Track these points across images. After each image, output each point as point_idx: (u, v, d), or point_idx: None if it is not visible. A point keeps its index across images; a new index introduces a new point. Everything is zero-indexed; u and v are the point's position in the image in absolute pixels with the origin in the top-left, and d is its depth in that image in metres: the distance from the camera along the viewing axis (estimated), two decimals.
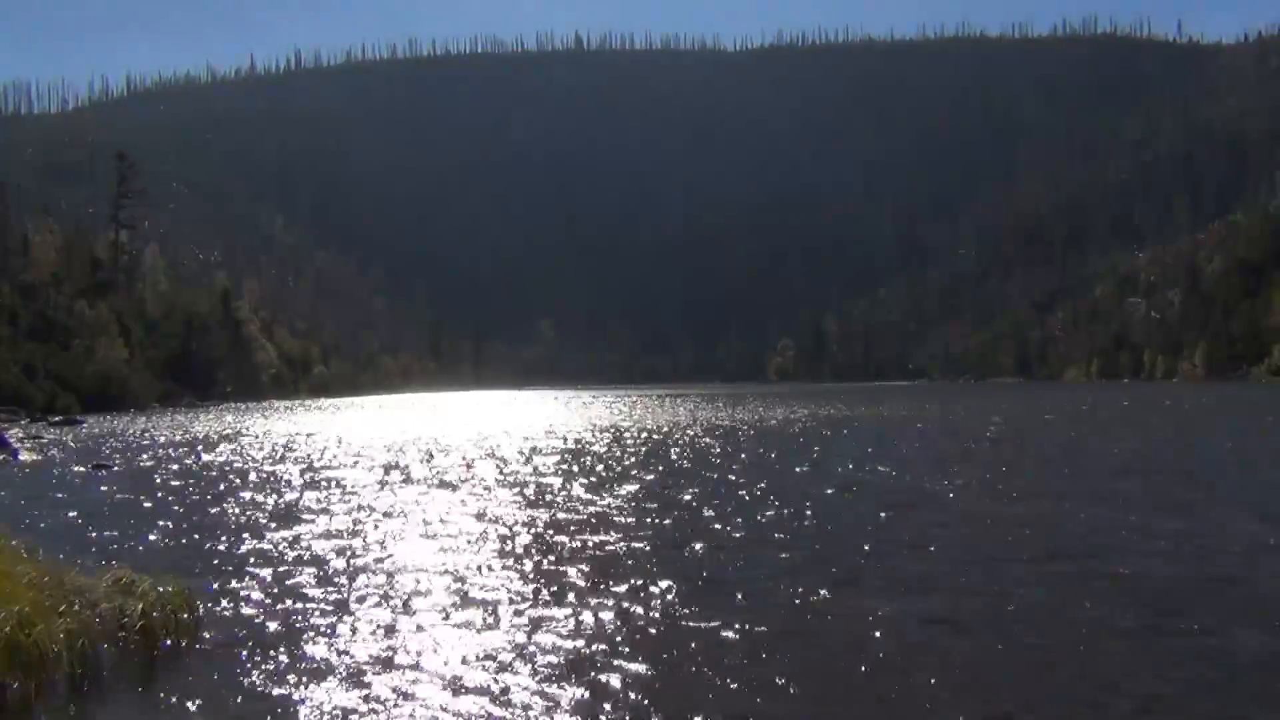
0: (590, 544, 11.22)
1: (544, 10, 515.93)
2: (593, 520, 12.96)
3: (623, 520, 12.86)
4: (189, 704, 6.31)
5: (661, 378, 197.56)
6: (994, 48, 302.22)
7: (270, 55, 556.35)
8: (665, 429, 34.18)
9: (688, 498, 15.08)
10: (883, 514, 13.19)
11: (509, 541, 11.55)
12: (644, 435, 30.87)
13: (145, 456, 25.40)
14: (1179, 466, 19.46)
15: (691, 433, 32.13)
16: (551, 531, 12.13)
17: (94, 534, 12.63)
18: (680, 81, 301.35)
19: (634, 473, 18.61)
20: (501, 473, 18.99)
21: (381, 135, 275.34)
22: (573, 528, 12.40)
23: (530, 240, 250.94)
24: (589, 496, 15.18)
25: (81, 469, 21.90)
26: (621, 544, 11.12)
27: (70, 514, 14.56)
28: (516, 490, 16.31)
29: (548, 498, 15.14)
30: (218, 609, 8.37)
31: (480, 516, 13.50)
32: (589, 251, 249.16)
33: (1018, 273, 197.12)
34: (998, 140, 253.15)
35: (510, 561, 10.36)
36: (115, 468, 22.13)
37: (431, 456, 22.65)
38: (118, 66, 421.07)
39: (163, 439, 33.00)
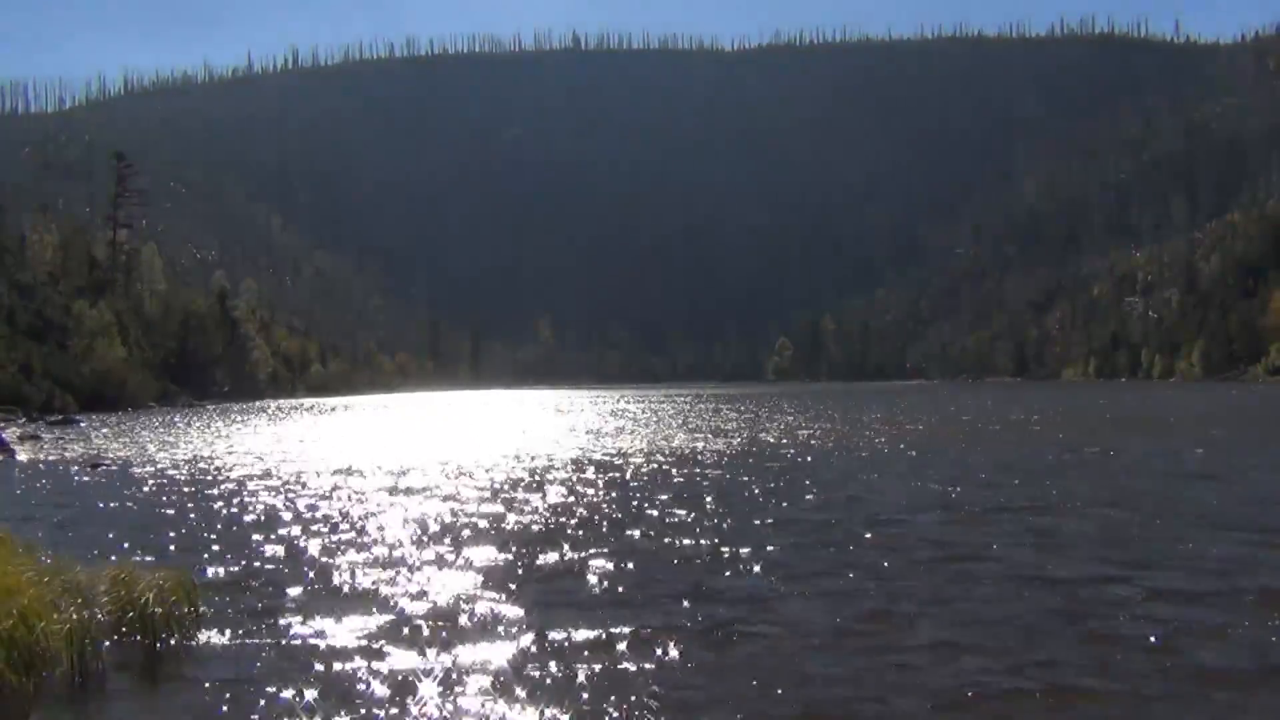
0: (607, 567, 11.21)
1: (542, 9, 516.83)
2: (613, 540, 12.95)
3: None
4: (190, 700, 6.28)
5: (659, 377, 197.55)
6: (992, 47, 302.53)
7: (268, 54, 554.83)
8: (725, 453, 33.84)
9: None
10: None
11: (516, 553, 11.53)
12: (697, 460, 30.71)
13: (143, 455, 25.35)
14: None
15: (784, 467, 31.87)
16: (564, 547, 12.13)
17: (92, 533, 12.58)
18: (678, 81, 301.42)
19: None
20: (513, 490, 18.95)
21: (379, 134, 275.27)
22: (585, 546, 12.39)
23: (528, 239, 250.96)
24: (608, 521, 15.16)
25: (79, 468, 21.85)
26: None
27: (68, 513, 14.52)
28: (527, 505, 16.30)
29: (562, 517, 15.14)
30: (219, 605, 8.33)
31: (489, 523, 13.48)
32: (587, 251, 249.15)
33: (1015, 272, 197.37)
34: (995, 140, 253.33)
35: (520, 572, 10.32)
36: (113, 467, 22.07)
37: (438, 467, 22.59)
38: (115, 65, 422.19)
39: (160, 438, 32.94)
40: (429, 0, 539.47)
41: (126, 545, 11.54)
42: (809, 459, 21.80)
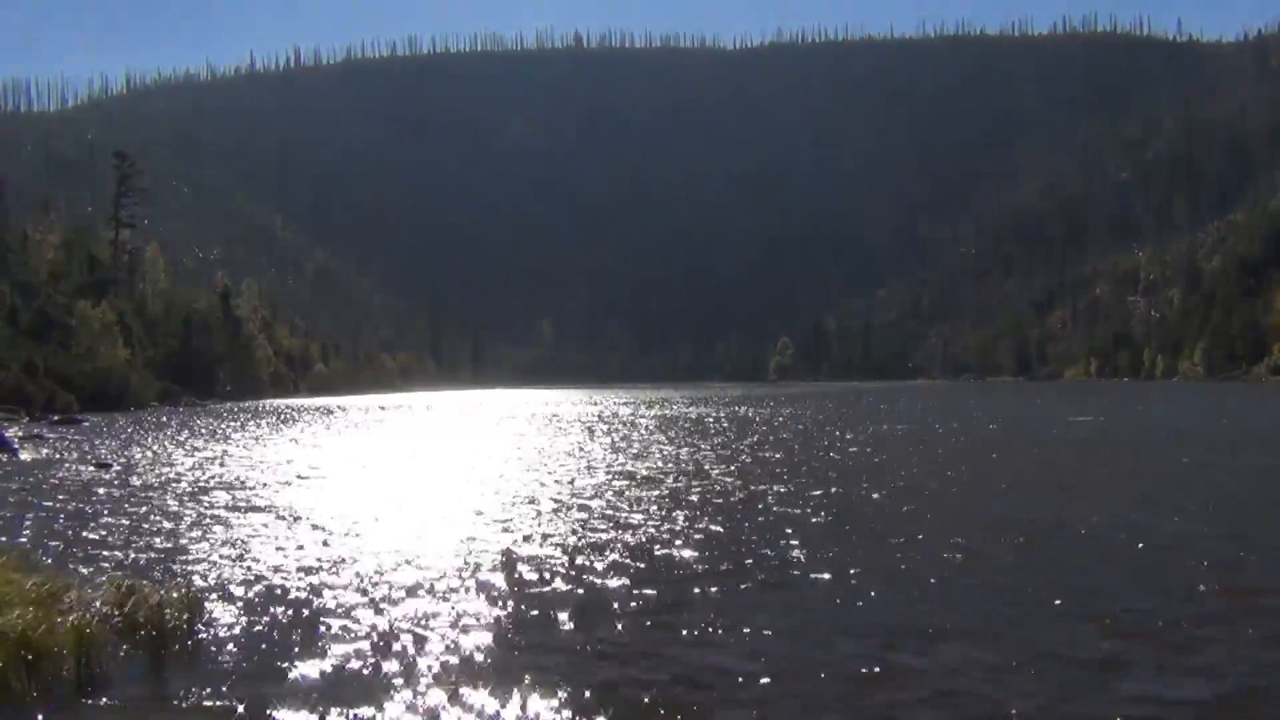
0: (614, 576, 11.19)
1: (544, 9, 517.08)
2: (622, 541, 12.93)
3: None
4: (193, 707, 6.30)
5: (661, 377, 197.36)
6: (994, 46, 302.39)
7: (270, 53, 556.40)
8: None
9: None
10: None
11: (517, 561, 11.54)
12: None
13: (148, 457, 25.37)
14: None
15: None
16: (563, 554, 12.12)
17: (95, 533, 12.61)
18: (680, 80, 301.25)
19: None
20: (531, 510, 18.91)
21: (381, 133, 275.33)
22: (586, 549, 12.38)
23: (530, 239, 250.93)
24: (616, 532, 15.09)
25: (82, 468, 21.86)
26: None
27: (71, 513, 14.54)
28: (547, 529, 16.28)
29: (571, 527, 15.09)
30: (221, 611, 8.35)
31: (507, 543, 13.35)
32: (588, 250, 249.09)
33: (1017, 271, 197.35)
34: (997, 138, 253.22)
35: (540, 600, 10.22)
36: (116, 467, 22.09)
37: (451, 476, 22.60)
38: (117, 64, 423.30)
39: (164, 439, 32.97)
40: (430, 0, 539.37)
41: (128, 546, 11.57)
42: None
